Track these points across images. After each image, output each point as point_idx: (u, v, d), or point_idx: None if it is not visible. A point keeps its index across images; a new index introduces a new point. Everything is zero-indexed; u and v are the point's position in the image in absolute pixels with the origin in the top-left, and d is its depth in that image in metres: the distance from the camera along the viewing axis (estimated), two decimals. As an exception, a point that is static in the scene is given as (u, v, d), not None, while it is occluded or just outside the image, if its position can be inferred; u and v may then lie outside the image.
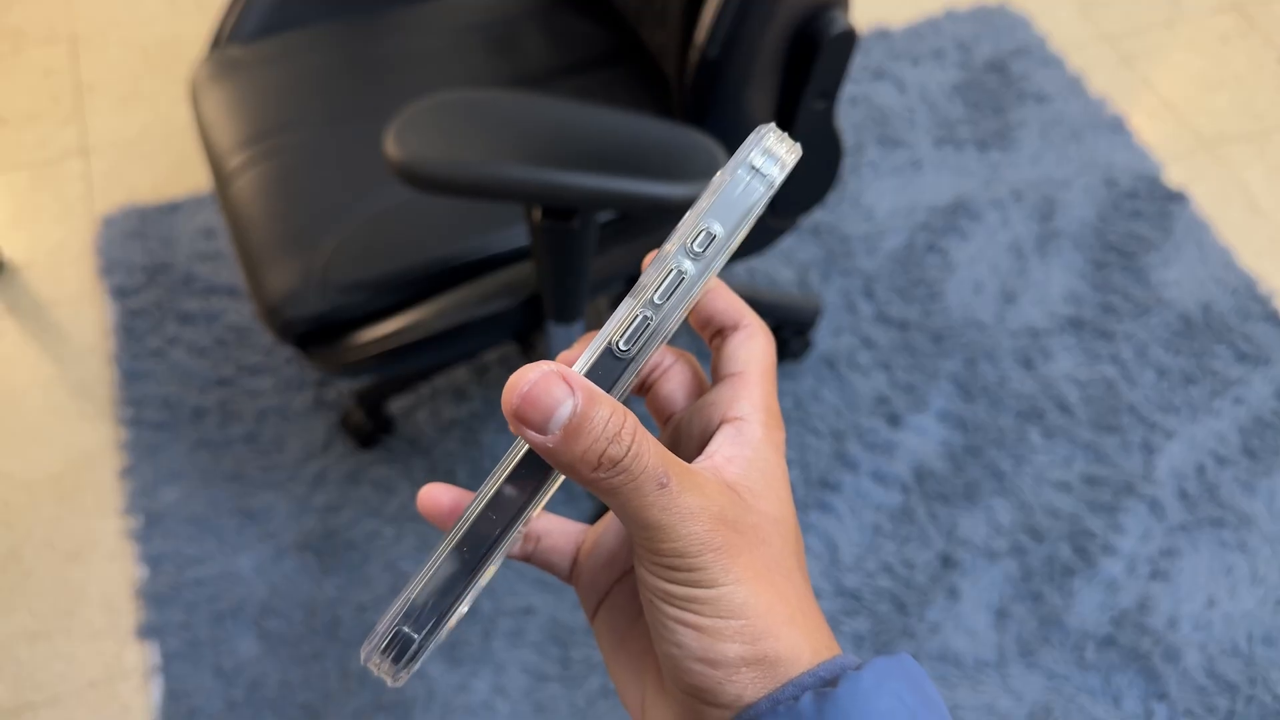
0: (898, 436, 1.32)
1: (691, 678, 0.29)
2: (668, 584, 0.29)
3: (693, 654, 0.29)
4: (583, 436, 0.27)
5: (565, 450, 0.28)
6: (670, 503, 0.29)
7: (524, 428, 0.28)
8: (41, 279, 1.49)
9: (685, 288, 0.31)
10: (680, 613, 0.29)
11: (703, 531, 0.29)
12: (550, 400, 0.27)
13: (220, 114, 1.03)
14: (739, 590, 0.29)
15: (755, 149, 0.31)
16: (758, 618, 0.29)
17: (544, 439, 0.28)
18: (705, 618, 0.29)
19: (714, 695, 0.29)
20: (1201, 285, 1.46)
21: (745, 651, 0.29)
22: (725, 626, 0.29)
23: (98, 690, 1.17)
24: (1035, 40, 1.76)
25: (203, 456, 1.31)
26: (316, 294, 0.91)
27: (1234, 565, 1.23)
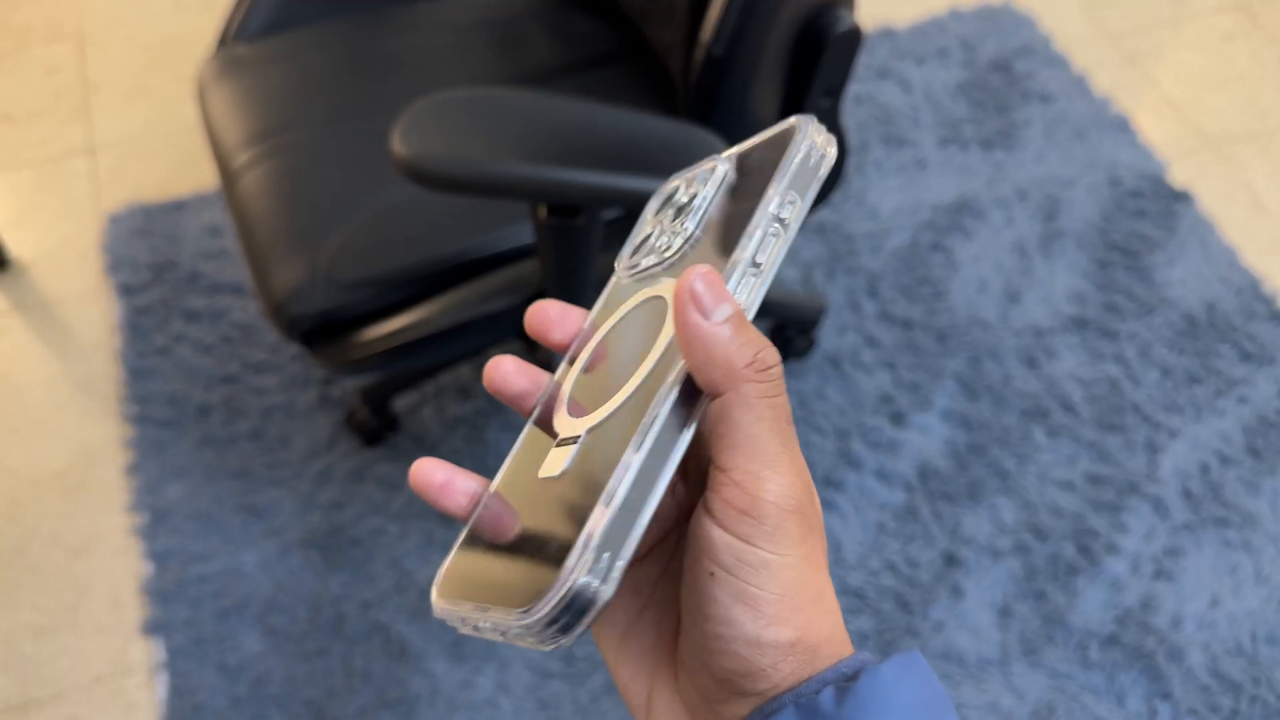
0: (902, 435, 1.32)
1: (733, 661, 0.29)
2: (743, 545, 0.29)
3: (743, 634, 0.29)
4: (745, 329, 0.29)
5: (727, 341, 0.29)
6: (791, 443, 0.29)
7: (695, 313, 0.29)
8: (47, 276, 1.50)
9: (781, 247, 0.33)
10: (743, 585, 0.29)
11: (801, 489, 0.29)
12: (720, 289, 0.30)
13: (226, 112, 1.04)
14: (802, 570, 0.29)
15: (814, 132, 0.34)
16: (808, 603, 0.29)
17: (715, 327, 0.29)
18: (765, 591, 0.29)
19: (752, 681, 0.29)
20: (1206, 284, 1.46)
21: (793, 636, 0.29)
22: (780, 606, 0.29)
23: (103, 686, 1.17)
24: (1040, 39, 1.76)
25: (208, 453, 1.32)
26: (322, 291, 0.91)
27: (1238, 565, 1.23)
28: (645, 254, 0.37)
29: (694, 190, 0.37)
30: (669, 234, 0.37)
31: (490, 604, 0.30)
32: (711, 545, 0.29)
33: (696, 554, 0.30)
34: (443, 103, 0.77)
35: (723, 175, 0.37)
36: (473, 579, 0.33)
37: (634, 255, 0.38)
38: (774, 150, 0.35)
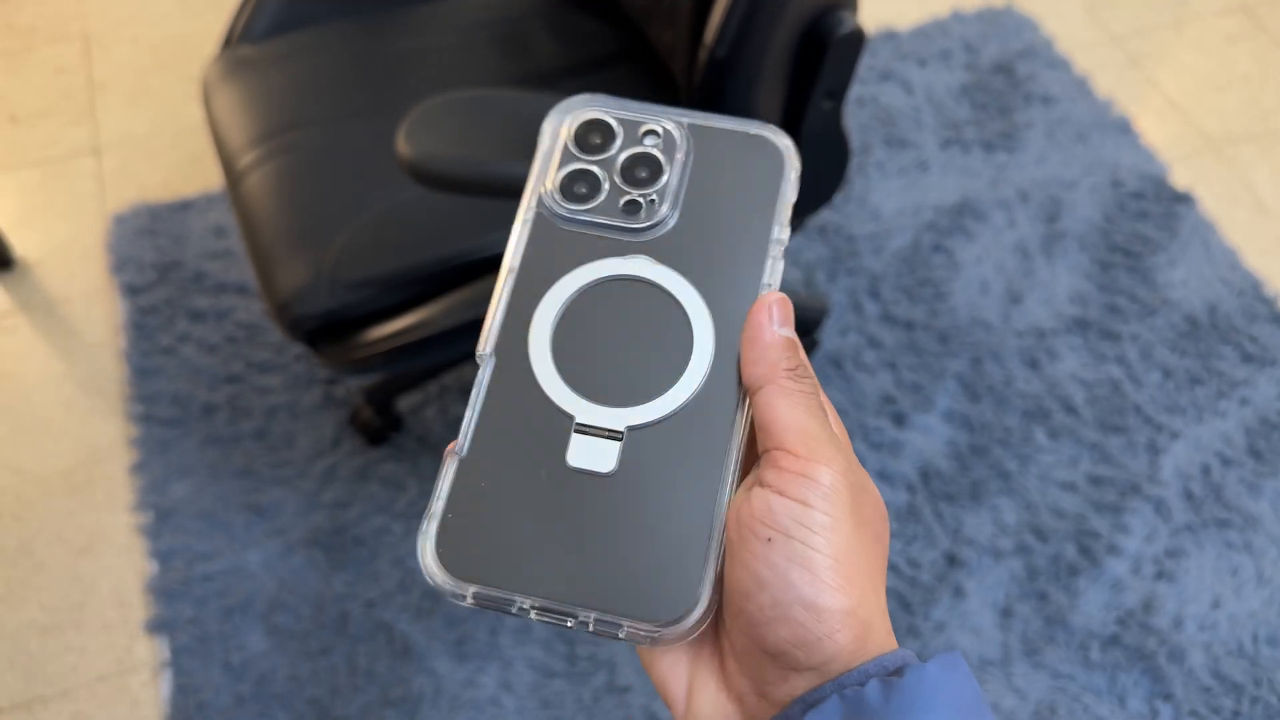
0: (903, 436, 1.33)
1: (790, 629, 0.30)
2: (799, 506, 0.31)
3: (800, 598, 0.30)
4: (798, 350, 0.35)
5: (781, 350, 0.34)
6: (830, 424, 0.33)
7: (769, 320, 0.35)
8: (53, 276, 1.50)
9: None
10: (800, 546, 0.30)
11: (844, 463, 0.32)
12: (790, 315, 0.35)
13: (231, 112, 1.04)
14: (853, 539, 0.31)
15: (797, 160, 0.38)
16: (861, 576, 0.31)
17: (780, 332, 0.34)
18: (821, 554, 0.30)
19: (808, 651, 0.30)
20: (1207, 286, 1.46)
21: (847, 604, 0.30)
22: (835, 572, 0.30)
23: (107, 684, 1.18)
24: (1042, 41, 1.76)
25: (212, 453, 1.32)
26: (326, 291, 0.91)
27: (1239, 566, 1.24)
28: (589, 201, 0.37)
29: (647, 148, 0.38)
30: (634, 197, 0.37)
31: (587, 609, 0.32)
32: (769, 510, 0.31)
33: (753, 527, 0.31)
34: (446, 103, 0.78)
35: (685, 149, 0.38)
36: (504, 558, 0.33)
37: (564, 189, 0.38)
38: (750, 157, 0.38)
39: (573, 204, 0.37)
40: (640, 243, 0.37)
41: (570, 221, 0.37)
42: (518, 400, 0.35)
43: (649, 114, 0.39)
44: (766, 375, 0.33)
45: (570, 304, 0.36)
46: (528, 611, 0.32)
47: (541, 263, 0.37)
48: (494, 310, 0.36)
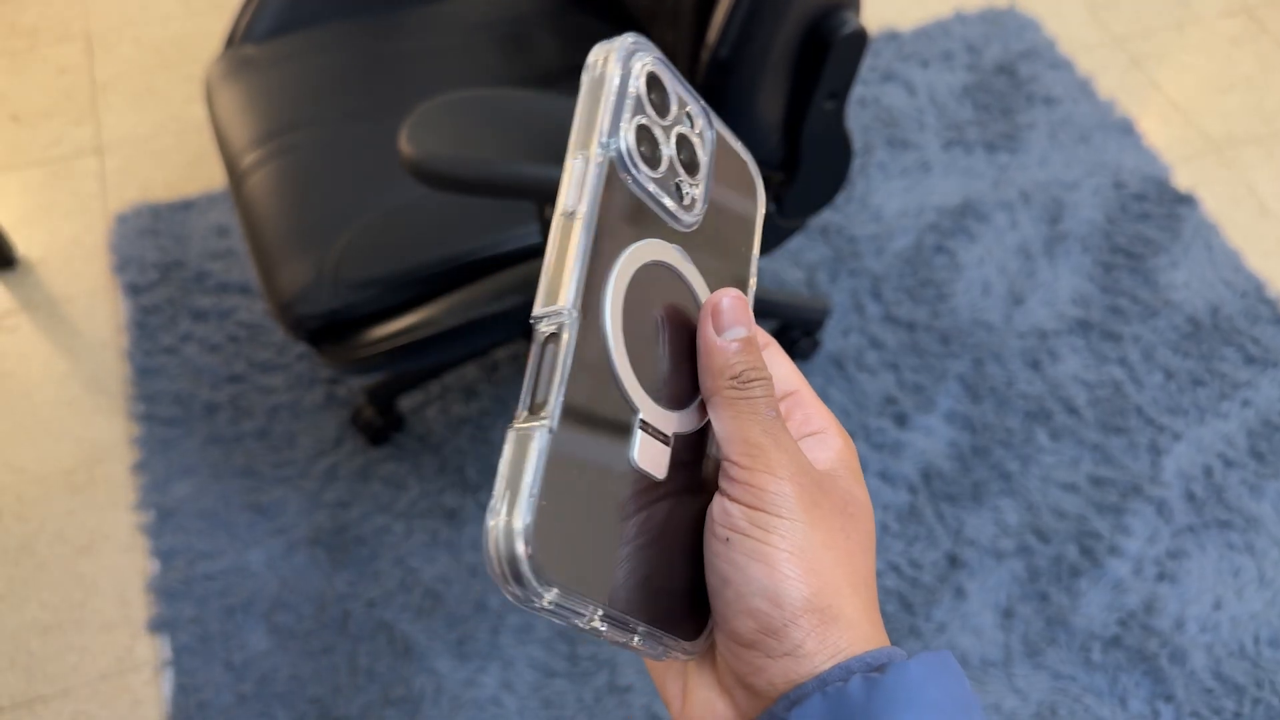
0: (905, 436, 1.33)
1: (755, 619, 0.31)
2: (751, 510, 0.32)
3: (760, 589, 0.31)
4: (748, 353, 0.33)
5: (735, 357, 0.33)
6: (776, 431, 0.33)
7: (711, 327, 0.34)
8: (56, 275, 1.51)
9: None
10: (755, 544, 0.31)
11: (792, 467, 0.32)
12: (744, 313, 0.34)
13: (234, 112, 1.04)
14: (811, 534, 0.32)
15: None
16: (822, 569, 0.32)
17: (725, 343, 0.33)
18: (776, 549, 0.31)
19: (776, 639, 0.31)
20: (1210, 287, 1.46)
21: (807, 593, 0.31)
22: (793, 563, 0.31)
23: (109, 683, 1.18)
24: (1044, 42, 1.76)
25: (214, 452, 1.32)
26: (329, 291, 0.91)
27: (1241, 567, 1.23)
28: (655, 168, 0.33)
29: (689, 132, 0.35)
30: (683, 181, 0.34)
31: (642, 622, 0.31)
32: (725, 514, 0.32)
33: (713, 529, 0.33)
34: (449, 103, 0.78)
35: (711, 147, 0.36)
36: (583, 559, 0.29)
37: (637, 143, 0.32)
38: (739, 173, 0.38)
39: (644, 165, 0.32)
40: (678, 233, 0.34)
41: (635, 184, 0.32)
42: (593, 377, 0.30)
43: (690, 93, 0.35)
44: (711, 387, 0.34)
45: (632, 280, 0.32)
46: (593, 621, 0.29)
47: (611, 222, 0.31)
48: (569, 258, 0.30)
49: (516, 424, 0.28)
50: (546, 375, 0.29)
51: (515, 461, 0.28)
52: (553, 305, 0.29)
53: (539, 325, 0.29)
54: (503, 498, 0.27)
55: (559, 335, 0.29)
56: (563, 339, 0.29)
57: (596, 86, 0.32)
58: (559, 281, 0.29)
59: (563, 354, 0.29)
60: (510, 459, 0.28)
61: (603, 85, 0.32)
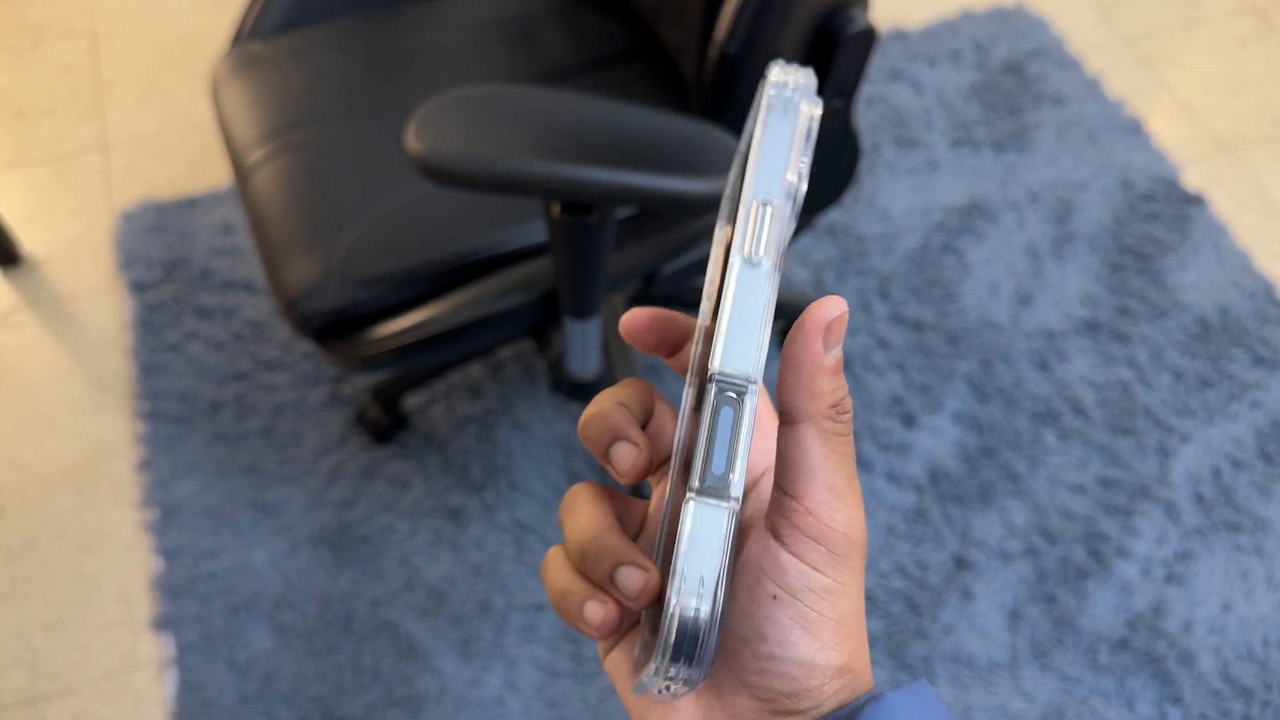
0: (912, 437, 1.32)
1: (783, 682, 0.30)
2: (810, 570, 0.29)
3: (798, 656, 0.29)
4: (841, 373, 0.30)
5: (828, 379, 0.29)
6: (855, 476, 0.30)
7: (815, 341, 0.29)
8: (60, 273, 1.50)
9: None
10: (806, 609, 0.29)
11: (860, 525, 0.30)
12: (843, 329, 0.30)
13: (241, 109, 1.04)
14: (858, 599, 0.30)
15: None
16: (856, 631, 0.30)
17: (827, 360, 0.29)
18: (825, 617, 0.29)
19: (796, 700, 0.30)
20: (1219, 288, 1.46)
21: (842, 662, 0.30)
22: (835, 632, 0.30)
23: (112, 681, 1.18)
24: (1053, 42, 1.75)
25: (219, 450, 1.32)
26: (335, 288, 0.91)
27: (1250, 569, 1.23)
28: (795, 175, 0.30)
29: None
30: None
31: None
32: (780, 569, 0.29)
33: (758, 577, 0.30)
34: (457, 100, 0.78)
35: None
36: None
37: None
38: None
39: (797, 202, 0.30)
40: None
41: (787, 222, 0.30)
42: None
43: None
44: (807, 410, 0.29)
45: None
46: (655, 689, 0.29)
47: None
48: (759, 316, 0.28)
49: (695, 495, 0.27)
50: (724, 443, 0.28)
51: (698, 540, 0.27)
52: (739, 370, 0.28)
53: (719, 386, 0.28)
54: (692, 584, 0.27)
55: (741, 404, 0.28)
56: (745, 409, 0.28)
57: (783, 121, 0.30)
58: (747, 342, 0.28)
59: (745, 425, 0.28)
60: (693, 535, 0.27)
61: (790, 122, 0.30)
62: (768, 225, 0.28)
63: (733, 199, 0.33)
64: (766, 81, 0.30)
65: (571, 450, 1.31)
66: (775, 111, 0.30)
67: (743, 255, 0.28)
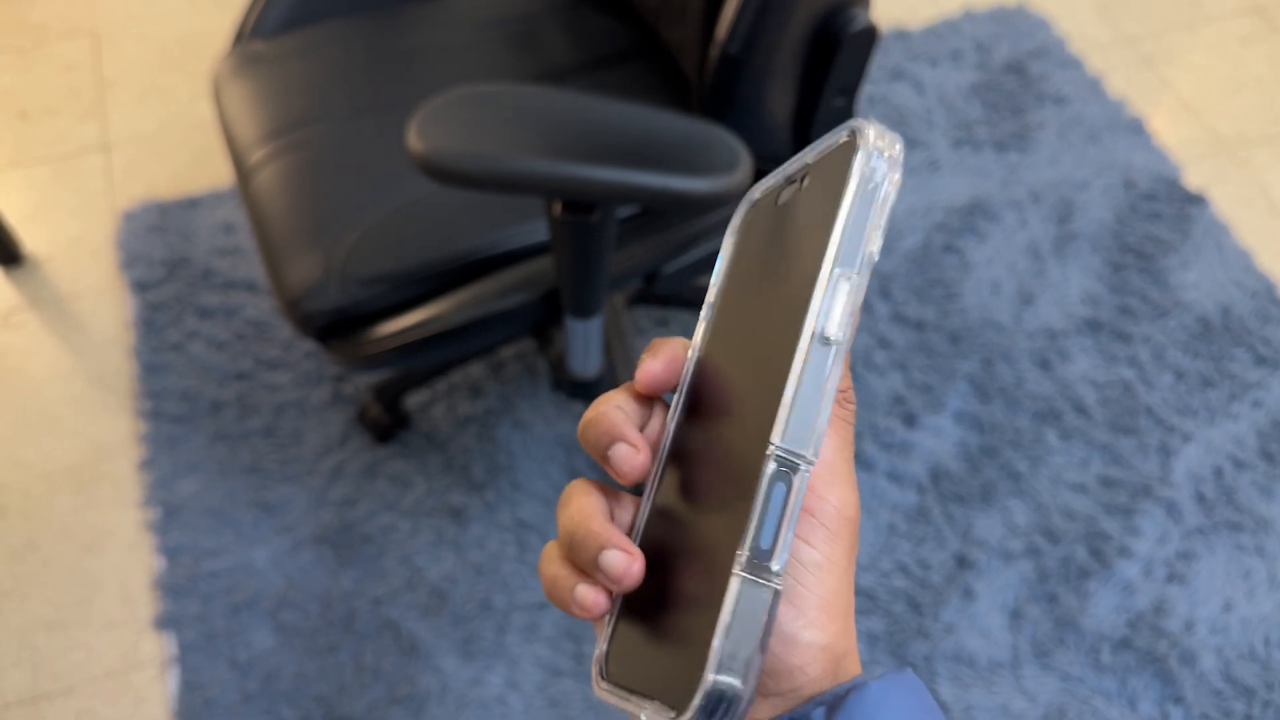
0: (914, 436, 1.32)
1: (767, 658, 0.30)
2: (800, 542, 0.30)
3: (781, 631, 0.30)
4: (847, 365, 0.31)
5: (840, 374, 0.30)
6: (851, 463, 0.32)
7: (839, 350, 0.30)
8: (62, 272, 1.50)
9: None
10: (792, 583, 0.30)
11: (854, 505, 0.31)
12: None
13: (242, 108, 1.04)
14: (844, 580, 0.31)
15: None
16: (841, 615, 0.31)
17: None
18: (811, 592, 0.30)
19: (777, 680, 0.30)
20: (1221, 288, 1.45)
21: (825, 641, 0.30)
22: (820, 610, 0.30)
23: (114, 680, 1.18)
24: (1054, 42, 1.75)
25: (220, 449, 1.32)
26: (337, 287, 0.91)
27: (1252, 569, 1.23)
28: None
29: None
30: None
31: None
32: None
33: None
34: (458, 99, 0.78)
35: None
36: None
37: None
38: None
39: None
40: None
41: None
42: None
43: None
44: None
45: None
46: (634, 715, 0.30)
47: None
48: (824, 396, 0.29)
49: (742, 570, 0.27)
50: (774, 520, 0.28)
51: (741, 618, 0.27)
52: (800, 448, 0.28)
53: (777, 461, 0.28)
54: (728, 660, 0.27)
55: (792, 480, 0.28)
56: (795, 485, 0.28)
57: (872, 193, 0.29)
58: (809, 420, 0.28)
59: (794, 505, 0.28)
60: (736, 612, 0.27)
61: (878, 193, 0.30)
62: (843, 303, 0.29)
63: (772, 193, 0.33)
64: (859, 137, 0.30)
65: (573, 449, 1.31)
66: (865, 182, 0.29)
67: (815, 331, 0.28)
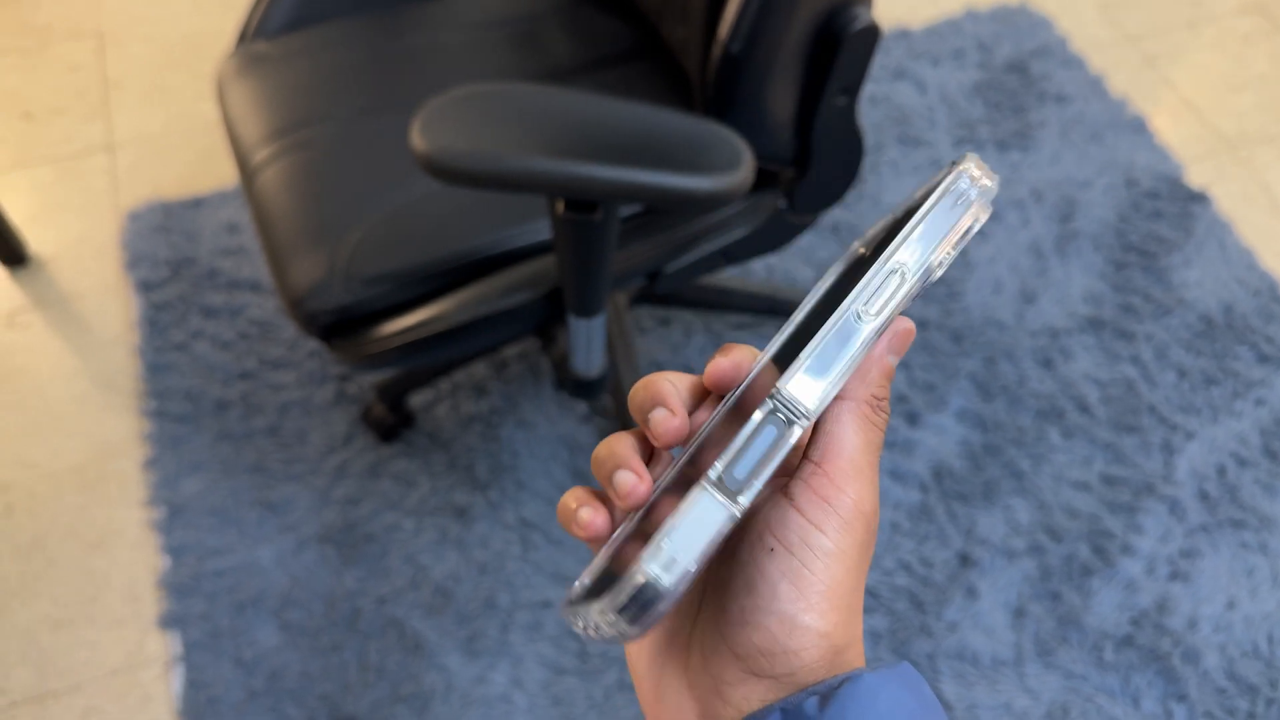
0: (917, 435, 1.32)
1: (762, 636, 0.30)
2: (809, 526, 0.31)
3: (781, 610, 0.30)
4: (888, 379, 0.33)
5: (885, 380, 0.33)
6: (876, 465, 0.32)
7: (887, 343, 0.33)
8: (67, 272, 1.51)
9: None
10: (798, 565, 0.30)
11: (870, 504, 0.32)
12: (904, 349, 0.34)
13: (246, 108, 1.05)
14: (852, 573, 0.31)
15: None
16: (845, 606, 0.31)
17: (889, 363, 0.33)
18: (815, 576, 0.30)
19: (773, 661, 0.30)
20: (1223, 286, 1.46)
21: (825, 628, 0.30)
22: (823, 597, 0.30)
23: (119, 678, 1.18)
24: (1056, 41, 1.75)
25: (225, 449, 1.33)
26: (341, 286, 0.91)
27: (1255, 567, 1.23)
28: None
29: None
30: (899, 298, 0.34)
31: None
32: (783, 524, 0.31)
33: (761, 532, 0.31)
34: (461, 97, 0.78)
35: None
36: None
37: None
38: None
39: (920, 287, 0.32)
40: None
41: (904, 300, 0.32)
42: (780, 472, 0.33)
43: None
44: (856, 390, 0.32)
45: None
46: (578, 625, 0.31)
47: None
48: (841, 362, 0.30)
49: (710, 485, 0.29)
50: (756, 456, 0.29)
51: (692, 525, 0.28)
52: (803, 402, 0.29)
53: (776, 404, 0.30)
54: (666, 558, 0.28)
55: (788, 430, 0.29)
56: (789, 437, 0.29)
57: (954, 209, 0.31)
58: (821, 381, 0.30)
59: (782, 451, 0.29)
60: (688, 518, 0.28)
61: (959, 213, 0.31)
62: (889, 293, 0.30)
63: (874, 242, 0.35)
64: (961, 162, 0.31)
65: (576, 448, 1.32)
66: (951, 197, 0.31)
67: (856, 308, 0.30)
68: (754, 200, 1.02)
